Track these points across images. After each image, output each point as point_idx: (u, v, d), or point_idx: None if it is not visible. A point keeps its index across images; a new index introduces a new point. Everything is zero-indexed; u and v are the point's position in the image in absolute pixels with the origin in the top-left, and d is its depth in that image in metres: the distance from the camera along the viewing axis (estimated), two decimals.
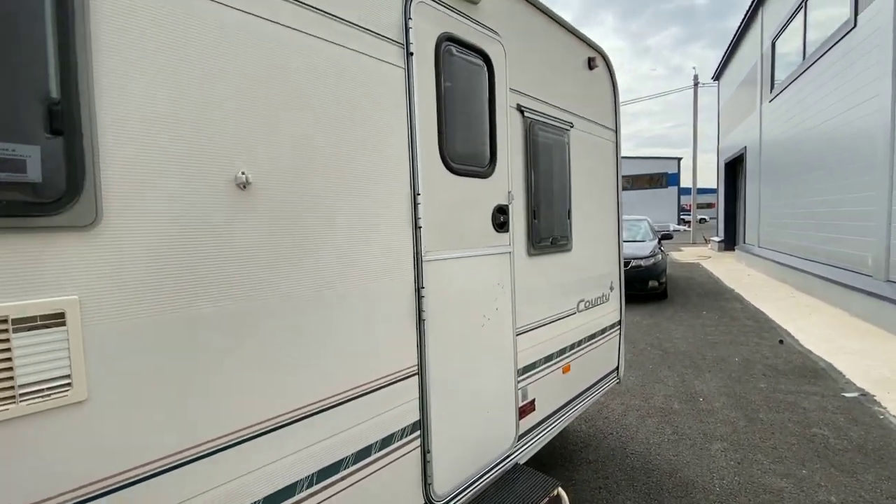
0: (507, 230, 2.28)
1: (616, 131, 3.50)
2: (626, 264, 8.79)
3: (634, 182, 40.54)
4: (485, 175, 2.15)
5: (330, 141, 1.50)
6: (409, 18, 1.77)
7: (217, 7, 1.21)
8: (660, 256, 9.25)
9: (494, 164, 2.19)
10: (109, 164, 1.05)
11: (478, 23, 2.11)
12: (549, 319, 2.66)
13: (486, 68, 2.16)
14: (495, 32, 2.21)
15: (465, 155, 2.06)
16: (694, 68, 27.26)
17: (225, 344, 1.25)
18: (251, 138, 1.30)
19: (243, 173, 1.27)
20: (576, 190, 2.92)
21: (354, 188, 1.58)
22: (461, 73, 2.08)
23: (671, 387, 4.56)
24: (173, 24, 1.14)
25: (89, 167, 1.01)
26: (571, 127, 2.87)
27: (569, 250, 2.86)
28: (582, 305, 3.01)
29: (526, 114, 2.45)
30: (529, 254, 2.48)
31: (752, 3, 13.56)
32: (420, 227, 1.80)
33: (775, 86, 11.85)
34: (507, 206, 2.27)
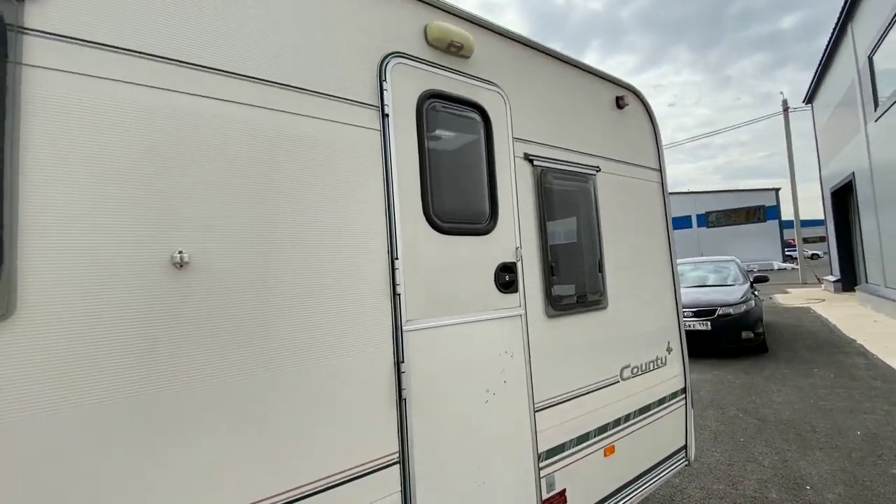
0: (516, 290, 2.05)
1: (660, 171, 3.16)
2: (712, 312, 7.80)
3: (729, 217, 37.17)
4: (484, 232, 1.97)
5: (287, 211, 1.43)
6: (384, 81, 1.72)
7: (152, 92, 1.23)
8: (753, 302, 8.08)
9: (496, 220, 2.01)
10: (29, 254, 1.04)
11: (470, 76, 2.02)
12: (580, 391, 2.30)
13: (482, 121, 2.05)
14: (492, 83, 2.10)
15: (458, 212, 1.91)
16: (781, 93, 25.05)
17: (156, 438, 1.16)
18: (193, 215, 1.26)
19: (180, 252, 1.23)
20: (609, 238, 2.61)
21: (317, 258, 1.48)
22: (450, 128, 1.98)
23: (768, 468, 3.73)
24: (104, 110, 1.16)
25: (7, 259, 1.02)
26: (598, 171, 2.61)
27: (603, 308, 2.51)
28: (627, 372, 2.59)
29: (536, 162, 2.26)
30: (548, 315, 2.20)
31: (839, 20, 12.35)
32: (399, 295, 1.65)
33: (880, 103, 10.38)
34: (513, 263, 2.05)
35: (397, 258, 1.66)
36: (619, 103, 2.86)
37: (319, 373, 1.45)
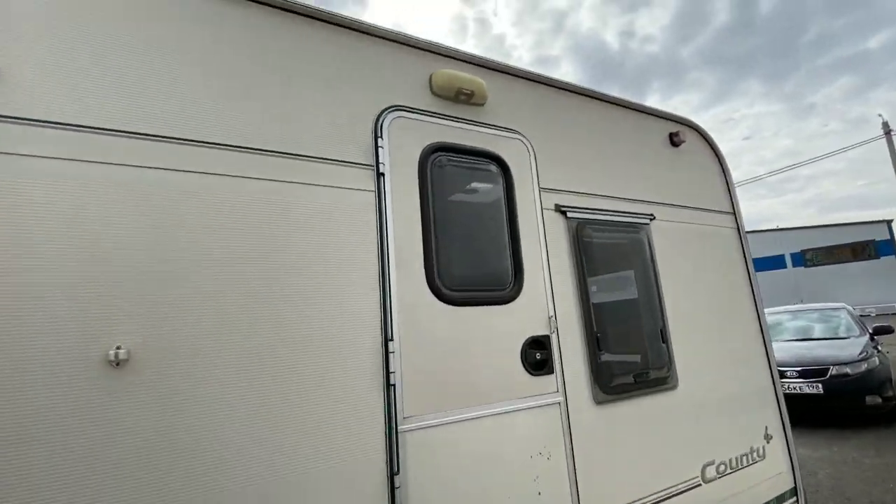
0: (552, 370, 1.67)
1: (734, 213, 2.67)
2: (824, 373, 6.54)
3: (831, 255, 32.87)
4: (505, 299, 1.65)
5: (252, 291, 1.23)
6: (380, 137, 1.53)
7: (92, 167, 1.11)
8: (876, 360, 6.68)
9: (520, 284, 1.69)
10: None
11: (485, 125, 1.80)
12: (648, 500, 1.79)
13: (500, 172, 1.79)
14: (512, 130, 1.86)
15: (471, 279, 1.63)
16: (880, 115, 22.43)
17: None
18: (134, 303, 1.09)
19: (118, 348, 1.05)
20: (672, 299, 2.15)
21: (287, 342, 1.25)
22: (462, 183, 1.74)
23: None
24: (26, 190, 1.05)
25: None
26: (652, 219, 2.22)
27: (671, 387, 2.02)
28: (711, 471, 2.02)
29: (570, 214, 1.93)
30: (597, 401, 1.77)
31: None
32: (393, 385, 1.35)
33: None
34: (546, 336, 1.69)
35: (392, 339, 1.38)
36: (674, 140, 2.48)
37: (288, 492, 1.17)
